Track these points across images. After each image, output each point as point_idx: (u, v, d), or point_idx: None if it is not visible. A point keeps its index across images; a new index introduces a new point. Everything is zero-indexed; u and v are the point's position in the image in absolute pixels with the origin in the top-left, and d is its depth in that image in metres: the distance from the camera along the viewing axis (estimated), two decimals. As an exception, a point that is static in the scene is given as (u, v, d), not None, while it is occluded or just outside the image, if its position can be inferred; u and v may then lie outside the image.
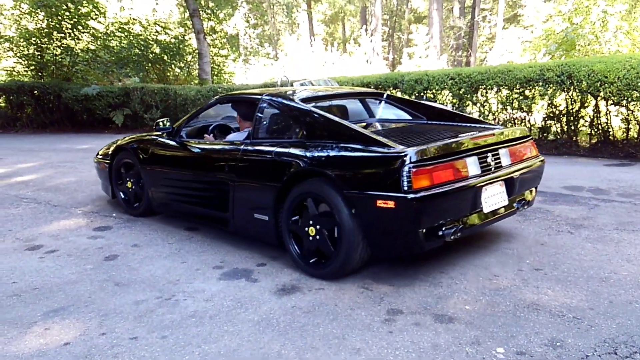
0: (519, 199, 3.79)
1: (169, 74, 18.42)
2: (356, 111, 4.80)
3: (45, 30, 16.88)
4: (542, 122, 8.58)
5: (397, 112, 4.75)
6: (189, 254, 4.07)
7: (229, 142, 4.28)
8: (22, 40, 17.09)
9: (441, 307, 2.94)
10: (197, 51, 17.01)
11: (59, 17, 16.65)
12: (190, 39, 18.66)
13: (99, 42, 17.82)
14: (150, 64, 18.02)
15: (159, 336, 2.73)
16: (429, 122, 4.47)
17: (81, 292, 3.36)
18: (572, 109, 8.11)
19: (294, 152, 3.55)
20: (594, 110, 7.93)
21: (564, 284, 3.19)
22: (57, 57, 17.44)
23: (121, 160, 5.30)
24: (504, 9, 26.75)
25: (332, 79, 9.79)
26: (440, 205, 3.10)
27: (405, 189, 2.94)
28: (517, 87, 8.33)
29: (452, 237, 3.15)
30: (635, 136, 7.77)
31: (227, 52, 20.19)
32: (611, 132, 7.97)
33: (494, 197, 3.44)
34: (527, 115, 8.63)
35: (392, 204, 2.98)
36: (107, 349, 2.62)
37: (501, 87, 8.55)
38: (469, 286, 3.21)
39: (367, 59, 23.06)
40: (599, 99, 7.70)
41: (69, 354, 2.58)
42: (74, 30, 17.15)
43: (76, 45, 17.52)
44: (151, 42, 17.97)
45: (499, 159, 3.54)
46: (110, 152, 5.44)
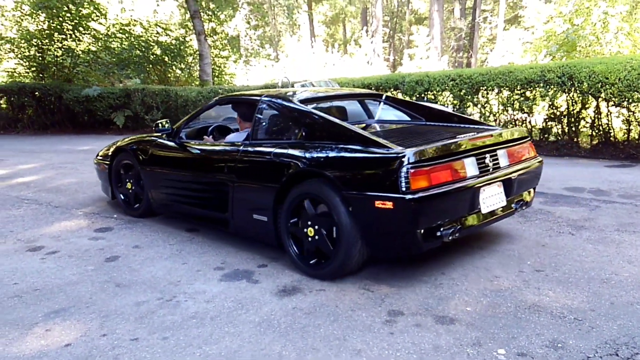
0: (517, 200, 3.79)
1: (169, 75, 18.44)
2: (355, 112, 4.81)
3: (46, 31, 16.91)
4: (543, 123, 8.58)
5: (395, 113, 4.76)
6: (189, 255, 4.07)
7: (228, 143, 4.28)
8: (23, 41, 17.13)
9: (442, 309, 2.94)
10: (198, 52, 17.04)
11: (60, 19, 16.69)
12: (191, 40, 18.69)
13: (100, 44, 17.85)
14: (151, 65, 18.05)
15: (160, 337, 2.73)
16: (427, 123, 4.48)
17: (82, 293, 3.36)
18: (573, 110, 8.11)
19: (292, 153, 3.56)
20: (595, 111, 7.94)
21: (565, 285, 3.19)
22: (58, 59, 17.47)
23: (121, 161, 5.30)
24: (505, 10, 26.76)
25: (332, 80, 9.81)
26: (438, 205, 3.10)
27: (403, 189, 2.95)
28: (518, 89, 8.33)
29: (450, 238, 3.16)
30: (636, 137, 7.77)
31: (228, 53, 20.23)
32: (612, 134, 7.97)
33: (492, 198, 3.44)
34: (528, 116, 8.63)
35: (390, 205, 2.99)
36: (108, 350, 2.62)
37: (502, 89, 8.55)
38: (470, 287, 3.21)
39: (368, 60, 23.06)
40: (600, 100, 7.71)
41: (70, 355, 2.58)
42: (75, 31, 17.17)
43: (77, 46, 17.55)
44: (152, 44, 18.00)
45: (497, 160, 3.55)
46: (110, 153, 5.44)
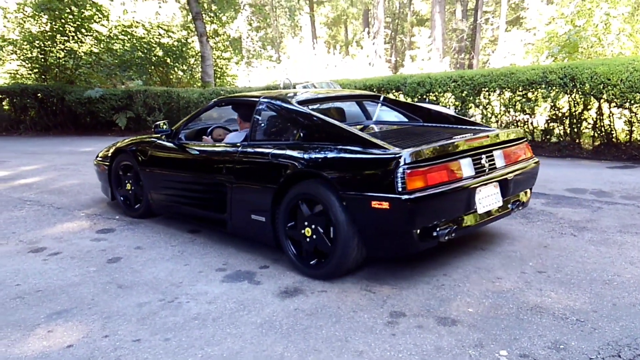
0: (513, 200, 3.81)
1: (171, 77, 18.48)
2: (353, 114, 4.84)
3: (48, 33, 16.95)
4: (545, 124, 8.58)
5: (393, 114, 4.80)
6: (191, 256, 4.07)
7: (226, 144, 4.31)
8: (25, 43, 17.17)
9: (444, 310, 2.93)
10: (199, 54, 17.07)
11: (63, 21, 16.73)
12: (193, 41, 18.73)
13: (102, 45, 17.89)
14: (153, 67, 18.09)
15: (162, 339, 2.73)
16: (424, 124, 4.51)
17: (84, 295, 3.37)
18: (575, 111, 8.10)
19: (290, 153, 3.58)
20: (597, 112, 7.93)
21: (567, 286, 3.18)
22: (61, 60, 17.51)
23: (120, 162, 5.32)
24: (507, 11, 26.76)
25: (334, 81, 9.83)
26: (434, 206, 3.12)
27: (399, 190, 2.97)
28: (520, 90, 8.33)
29: (446, 238, 3.17)
30: (638, 138, 7.76)
31: (230, 54, 20.24)
32: (614, 135, 7.96)
33: (488, 198, 3.46)
34: (530, 117, 8.63)
35: (386, 205, 3.01)
36: (110, 351, 2.62)
37: (504, 90, 8.55)
38: (472, 289, 3.21)
39: (370, 62, 23.06)
40: (602, 101, 7.70)
41: (72, 356, 2.58)
42: (78, 33, 17.22)
43: (79, 48, 17.59)
44: (154, 45, 18.04)
45: (493, 160, 3.56)
46: (109, 154, 5.46)
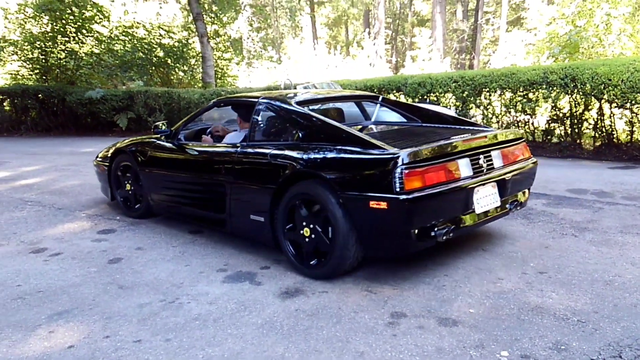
0: (511, 200, 3.81)
1: (172, 78, 18.49)
2: (352, 114, 4.85)
3: (49, 34, 16.97)
4: (546, 124, 8.58)
5: (392, 115, 4.81)
6: (192, 257, 4.07)
7: (225, 145, 4.33)
8: (26, 44, 17.19)
9: (445, 311, 2.93)
10: (200, 55, 17.08)
11: (64, 21, 16.75)
12: (193, 42, 18.74)
13: (103, 46, 17.92)
14: (154, 68, 18.10)
15: (163, 339, 2.73)
16: (423, 124, 4.52)
17: (85, 295, 3.37)
18: (575, 111, 8.10)
19: (289, 154, 3.59)
20: (597, 112, 7.92)
21: (568, 287, 3.18)
22: (62, 61, 17.53)
23: (120, 162, 5.33)
24: (507, 11, 26.77)
25: (335, 82, 9.83)
26: (432, 206, 3.13)
27: (397, 190, 2.98)
28: (521, 90, 8.33)
29: (444, 238, 3.18)
30: (639, 139, 7.75)
31: (231, 55, 20.26)
32: (615, 135, 7.95)
33: (486, 198, 3.47)
34: (531, 118, 8.63)
35: (384, 205, 3.02)
36: (111, 351, 2.62)
37: (505, 90, 8.55)
38: (473, 289, 3.21)
39: (370, 62, 23.08)
40: (602, 101, 7.70)
41: (73, 356, 2.58)
42: (78, 34, 17.24)
43: (80, 49, 17.61)
44: (155, 46, 18.05)
45: (491, 160, 3.57)
46: (109, 155, 5.47)
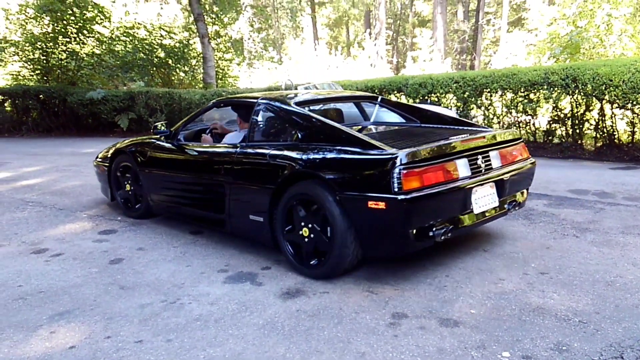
0: (510, 200, 3.82)
1: (173, 78, 18.49)
2: (351, 115, 4.87)
3: (50, 34, 16.98)
4: (547, 125, 8.57)
5: (391, 115, 4.82)
6: (193, 257, 4.07)
7: (224, 145, 4.35)
8: (27, 44, 17.20)
9: (446, 311, 2.93)
10: (201, 55, 17.08)
11: (65, 22, 16.76)
12: (194, 43, 18.74)
13: (104, 47, 17.92)
14: (155, 68, 18.10)
15: (164, 340, 2.73)
16: (422, 125, 4.53)
17: (86, 296, 3.37)
18: (577, 112, 8.10)
19: (287, 154, 3.60)
20: (599, 113, 7.92)
21: (570, 287, 3.18)
22: (63, 62, 17.54)
23: (120, 163, 5.34)
24: (508, 12, 26.75)
25: (336, 82, 9.82)
26: (430, 206, 3.14)
27: (395, 190, 2.99)
28: (522, 91, 8.33)
29: (442, 238, 3.19)
30: (640, 139, 7.76)
31: (232, 56, 20.27)
32: (616, 136, 7.95)
33: (484, 199, 3.48)
34: (532, 118, 8.62)
35: (383, 205, 3.03)
36: (112, 352, 2.62)
37: (506, 91, 8.55)
38: (474, 290, 3.20)
39: (371, 63, 23.09)
40: (604, 102, 7.69)
41: (75, 357, 2.59)
42: (79, 34, 17.25)
43: (81, 49, 17.62)
44: (156, 47, 18.05)
45: (489, 161, 3.58)
46: (109, 155, 5.49)
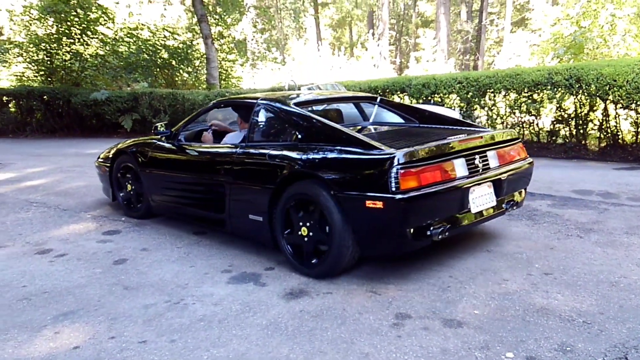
0: (508, 200, 3.84)
1: (177, 79, 18.51)
2: (351, 115, 4.89)
3: (54, 35, 17.02)
4: (551, 125, 8.55)
5: (390, 115, 4.84)
6: (197, 258, 4.08)
7: (224, 145, 4.37)
8: (31, 45, 17.24)
9: (450, 312, 2.93)
10: (205, 56, 17.10)
11: (68, 23, 16.79)
12: (198, 44, 18.76)
13: (107, 48, 17.95)
14: (158, 69, 18.12)
15: (168, 340, 2.74)
16: (420, 125, 4.55)
17: (90, 296, 3.38)
18: (580, 112, 8.07)
19: (286, 154, 3.63)
20: (603, 113, 7.90)
21: (574, 288, 3.17)
22: (67, 63, 17.58)
23: (121, 163, 5.37)
24: (512, 12, 26.70)
25: (339, 83, 9.82)
26: (427, 205, 3.16)
27: (393, 189, 3.01)
28: (525, 91, 8.31)
29: (439, 237, 3.21)
30: (644, 140, 7.73)
31: (235, 56, 20.28)
32: (620, 136, 7.93)
33: (481, 198, 3.50)
34: (536, 118, 8.61)
35: (380, 204, 3.05)
36: (116, 352, 2.63)
37: (509, 91, 8.53)
38: (478, 290, 3.20)
39: (374, 63, 23.09)
40: (607, 102, 7.67)
41: (79, 357, 2.59)
42: (83, 35, 17.27)
43: (85, 50, 17.65)
44: (159, 47, 18.07)
45: (487, 161, 3.60)
46: (110, 156, 5.52)
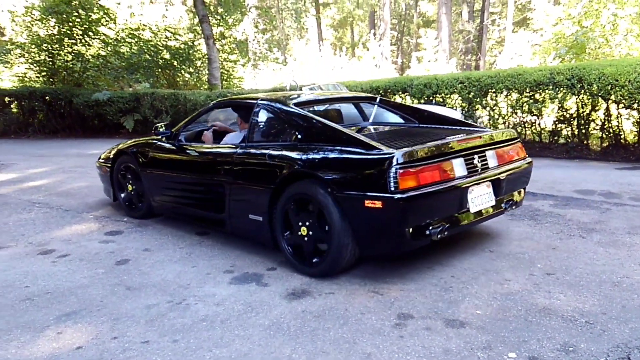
0: (507, 200, 3.85)
1: (178, 80, 18.52)
2: (350, 115, 4.90)
3: (56, 36, 17.04)
4: (553, 125, 8.54)
5: (390, 115, 4.85)
6: (199, 258, 4.08)
7: (224, 145, 4.39)
8: (33, 46, 17.26)
9: (452, 312, 2.93)
10: (206, 56, 17.11)
11: (70, 24, 16.82)
12: (199, 44, 18.76)
13: (109, 48, 17.96)
14: (160, 70, 18.13)
15: (171, 340, 2.74)
16: (420, 125, 4.57)
17: (93, 296, 3.38)
18: (582, 112, 8.06)
19: (286, 154, 3.64)
20: (605, 113, 7.89)
21: (576, 288, 3.17)
22: (68, 63, 17.59)
23: (122, 164, 5.40)
24: (513, 12, 26.67)
25: (340, 83, 9.81)
26: (426, 205, 3.17)
27: (392, 189, 3.02)
28: (527, 91, 8.30)
29: (438, 236, 3.22)
30: (647, 139, 7.72)
31: (236, 57, 20.28)
32: (622, 136, 7.91)
33: (480, 198, 3.51)
34: (538, 118, 8.59)
35: (379, 204, 3.06)
36: (119, 352, 2.63)
37: (511, 91, 8.52)
38: (480, 291, 3.20)
39: (376, 63, 23.09)
40: (609, 102, 7.66)
41: (82, 357, 2.60)
42: (85, 36, 17.30)
43: (87, 51, 17.67)
44: (161, 48, 18.08)
45: (485, 160, 3.61)
46: (111, 156, 5.54)
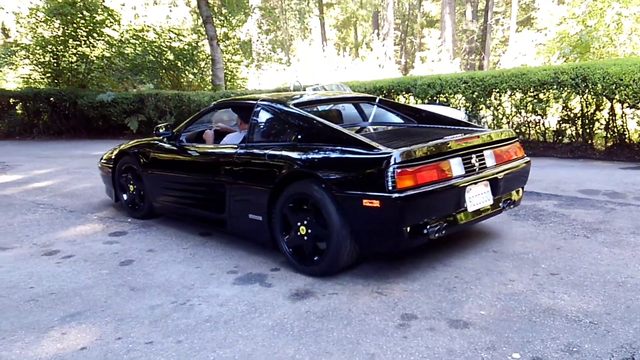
0: (505, 199, 3.85)
1: (182, 80, 18.58)
2: (350, 115, 4.92)
3: (61, 37, 17.11)
4: (557, 125, 8.52)
5: (390, 116, 4.86)
6: (203, 258, 4.09)
7: (224, 146, 4.42)
8: (38, 48, 17.34)
9: (456, 312, 2.92)
10: (210, 57, 17.13)
11: (75, 25, 16.89)
12: (203, 45, 18.81)
13: (113, 49, 18.04)
14: (164, 71, 18.19)
15: (174, 341, 2.74)
16: (419, 125, 4.58)
17: (97, 297, 3.39)
18: (587, 112, 8.04)
19: (286, 154, 3.66)
20: (609, 113, 7.86)
21: (580, 288, 3.16)
22: (73, 65, 17.67)
23: (124, 164, 5.42)
24: (517, 12, 26.61)
25: (344, 83, 9.82)
26: (424, 204, 3.19)
27: (389, 188, 3.04)
28: (531, 91, 8.28)
29: (436, 235, 3.25)
30: (652, 139, 7.69)
31: (240, 58, 20.32)
32: (627, 135, 7.88)
33: (478, 197, 3.52)
34: (542, 118, 8.58)
35: (377, 203, 3.08)
36: (123, 353, 2.64)
37: (515, 91, 8.51)
38: (484, 291, 3.19)
39: (380, 64, 23.09)
40: (614, 101, 7.64)
41: (86, 358, 2.60)
42: (89, 37, 17.37)
43: (91, 52, 17.74)
44: (165, 49, 18.14)
45: (483, 160, 3.62)
46: (113, 157, 5.57)
